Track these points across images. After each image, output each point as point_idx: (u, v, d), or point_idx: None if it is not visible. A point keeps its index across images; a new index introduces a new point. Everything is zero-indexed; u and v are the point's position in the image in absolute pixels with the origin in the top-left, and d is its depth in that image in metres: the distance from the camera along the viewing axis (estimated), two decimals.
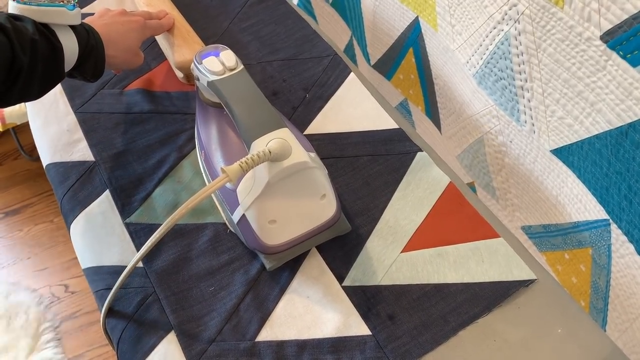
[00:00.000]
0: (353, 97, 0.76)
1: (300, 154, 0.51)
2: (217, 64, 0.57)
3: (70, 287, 1.39)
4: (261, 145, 0.50)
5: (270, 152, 0.49)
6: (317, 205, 0.56)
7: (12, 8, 0.54)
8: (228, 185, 0.54)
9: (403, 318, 0.56)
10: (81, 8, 0.86)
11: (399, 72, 0.81)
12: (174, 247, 0.61)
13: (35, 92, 0.56)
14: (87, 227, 0.64)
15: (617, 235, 0.49)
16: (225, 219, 0.62)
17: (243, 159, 0.48)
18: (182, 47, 0.76)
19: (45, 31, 0.54)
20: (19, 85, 0.53)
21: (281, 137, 0.51)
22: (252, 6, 0.89)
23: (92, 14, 0.68)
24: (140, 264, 0.61)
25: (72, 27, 0.58)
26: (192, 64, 0.60)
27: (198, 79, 0.60)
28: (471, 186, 0.72)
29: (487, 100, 0.60)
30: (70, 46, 0.57)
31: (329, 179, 0.57)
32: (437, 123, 0.76)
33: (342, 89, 0.77)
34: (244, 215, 0.54)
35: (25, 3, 0.54)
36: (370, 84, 0.79)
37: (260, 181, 0.51)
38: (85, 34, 0.59)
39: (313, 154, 0.57)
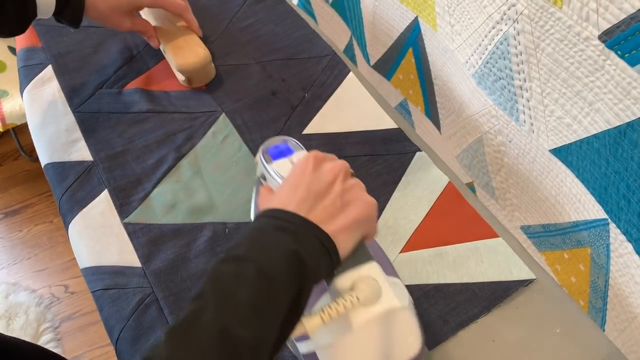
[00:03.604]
0: (352, 97, 0.76)
1: (391, 298, 0.43)
2: (290, 167, 0.49)
3: (70, 288, 1.39)
4: (345, 284, 0.42)
5: (358, 299, 0.41)
6: (401, 344, 0.47)
7: None
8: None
9: None
10: None
11: (398, 72, 0.81)
12: (172, 247, 0.61)
13: (13, 28, 0.65)
14: (86, 227, 0.64)
15: (615, 235, 0.49)
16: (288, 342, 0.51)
17: (325, 308, 0.40)
18: (183, 49, 0.75)
19: None
20: None
21: (370, 276, 0.42)
22: (251, 6, 0.89)
23: None
24: (139, 264, 0.60)
25: None
26: (258, 157, 0.53)
27: (264, 178, 0.52)
28: (470, 186, 0.72)
29: (486, 100, 0.60)
30: None
31: (413, 306, 0.49)
32: (436, 123, 0.76)
33: (341, 89, 0.77)
34: (314, 352, 0.48)
35: None
36: (370, 85, 0.79)
37: (340, 325, 0.43)
38: None
39: (398, 280, 0.50)
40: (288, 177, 0.45)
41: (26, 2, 0.62)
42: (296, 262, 0.38)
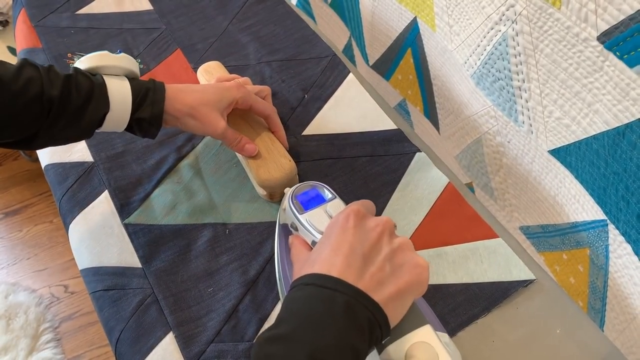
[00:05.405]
0: (352, 98, 0.76)
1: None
2: (325, 219, 0.47)
3: (69, 288, 1.39)
4: (400, 354, 0.39)
5: None
6: None
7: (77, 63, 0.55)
8: None
9: None
10: (79, 9, 0.86)
11: (397, 72, 0.81)
12: (172, 247, 0.61)
13: (76, 126, 0.54)
14: (86, 228, 0.64)
15: (614, 236, 0.49)
16: None
17: None
18: (265, 161, 0.63)
19: (87, 72, 0.54)
20: (51, 119, 0.52)
21: (425, 341, 0.40)
22: (251, 6, 0.89)
23: (92, 14, 0.67)
24: (139, 265, 0.61)
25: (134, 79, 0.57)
26: (286, 205, 0.50)
27: (294, 228, 0.50)
28: (469, 186, 0.72)
29: (485, 100, 0.61)
30: (118, 88, 0.54)
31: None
32: (435, 123, 0.76)
33: (340, 90, 0.77)
34: None
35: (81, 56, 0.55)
36: (369, 85, 0.79)
37: None
38: (141, 83, 0.57)
39: (446, 336, 0.48)
40: (328, 236, 0.43)
41: (96, 87, 0.53)
42: (348, 345, 0.36)
